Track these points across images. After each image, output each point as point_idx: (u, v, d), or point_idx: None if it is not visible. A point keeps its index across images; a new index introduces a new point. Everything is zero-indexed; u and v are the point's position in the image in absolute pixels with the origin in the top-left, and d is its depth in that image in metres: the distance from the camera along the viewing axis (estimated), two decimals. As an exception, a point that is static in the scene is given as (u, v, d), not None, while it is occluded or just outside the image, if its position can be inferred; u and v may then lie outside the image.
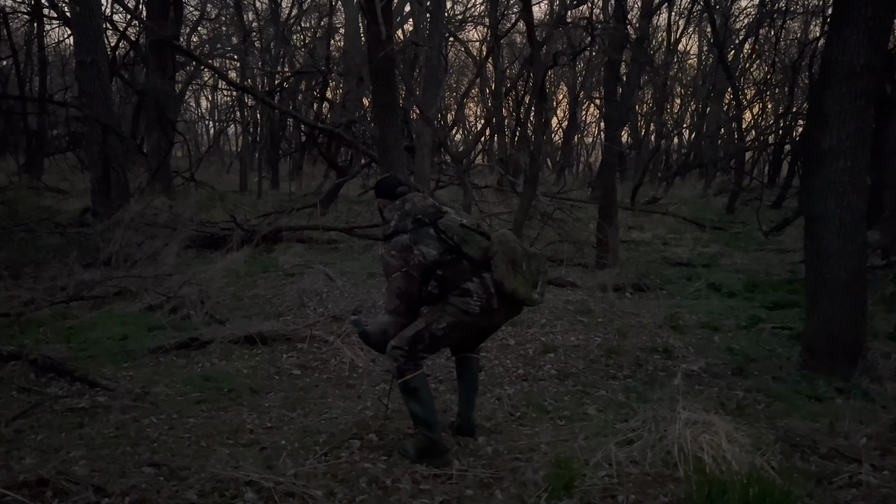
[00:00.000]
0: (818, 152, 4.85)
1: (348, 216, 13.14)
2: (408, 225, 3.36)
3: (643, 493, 3.12)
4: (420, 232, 3.34)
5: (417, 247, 3.30)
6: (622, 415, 4.02)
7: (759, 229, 12.44)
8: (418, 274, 3.31)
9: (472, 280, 3.31)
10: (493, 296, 3.32)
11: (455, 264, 3.31)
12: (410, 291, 3.35)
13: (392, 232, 3.38)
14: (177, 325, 5.70)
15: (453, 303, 3.31)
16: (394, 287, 3.35)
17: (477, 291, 3.30)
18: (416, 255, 3.29)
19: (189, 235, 8.67)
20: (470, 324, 3.37)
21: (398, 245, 3.33)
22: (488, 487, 3.16)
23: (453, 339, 3.43)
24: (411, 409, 3.37)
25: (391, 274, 3.35)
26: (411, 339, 3.33)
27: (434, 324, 3.33)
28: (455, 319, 3.32)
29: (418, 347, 3.34)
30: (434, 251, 3.30)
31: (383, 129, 7.21)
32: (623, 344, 5.33)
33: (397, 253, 3.32)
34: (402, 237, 3.33)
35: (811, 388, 4.61)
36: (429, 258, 3.29)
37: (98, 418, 3.85)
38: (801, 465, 3.44)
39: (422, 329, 3.33)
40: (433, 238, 3.33)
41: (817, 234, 4.93)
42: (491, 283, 3.32)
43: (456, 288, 3.30)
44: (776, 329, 5.95)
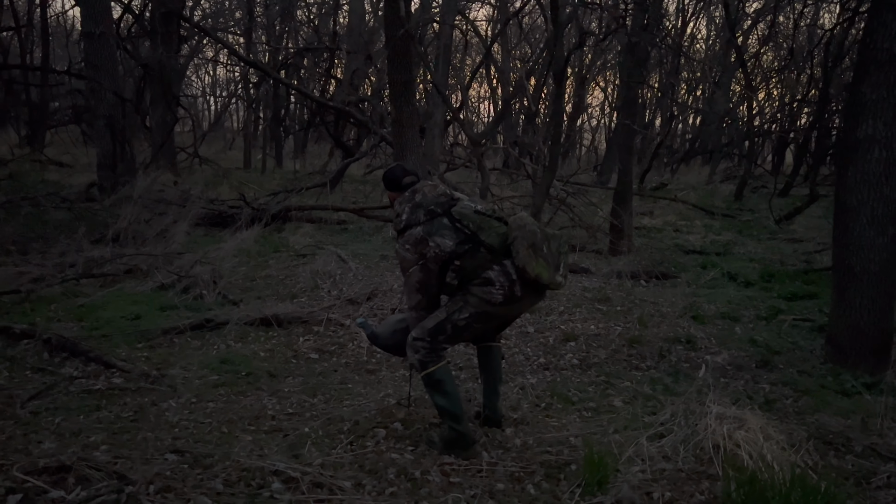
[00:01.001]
0: (853, 141, 4.73)
1: (354, 196, 13.01)
2: (420, 217, 3.23)
3: (678, 490, 3.05)
4: (434, 223, 3.21)
5: (432, 238, 3.18)
6: (649, 407, 3.94)
7: (771, 218, 12.33)
8: (435, 266, 3.20)
9: (492, 268, 3.18)
10: (516, 283, 3.19)
11: (473, 254, 3.18)
12: (429, 284, 3.23)
13: (404, 226, 3.24)
14: (189, 305, 5.60)
15: (475, 293, 3.19)
16: (412, 282, 3.24)
17: (499, 280, 3.17)
18: (432, 247, 3.17)
19: (197, 213, 8.54)
20: (493, 314, 3.26)
21: (412, 238, 3.20)
22: (520, 481, 3.08)
23: (476, 329, 3.31)
24: (436, 402, 3.27)
25: (408, 269, 3.22)
26: (433, 331, 3.22)
27: (456, 314, 3.21)
28: (477, 310, 3.20)
29: (440, 339, 3.23)
30: (450, 242, 3.17)
31: (399, 108, 7.05)
32: (644, 333, 5.24)
33: (412, 247, 3.19)
34: (416, 230, 3.20)
35: (837, 382, 4.53)
36: (445, 249, 3.17)
37: (115, 401, 3.76)
38: (837, 464, 3.37)
39: (443, 320, 3.22)
40: (448, 228, 3.20)
41: (848, 224, 4.82)
42: (513, 269, 3.19)
43: (476, 277, 3.18)
44: (797, 321, 5.86)
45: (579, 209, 9.35)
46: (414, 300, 3.28)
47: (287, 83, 12.80)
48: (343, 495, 2.85)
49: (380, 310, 5.47)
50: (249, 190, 12.02)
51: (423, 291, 3.24)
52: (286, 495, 2.83)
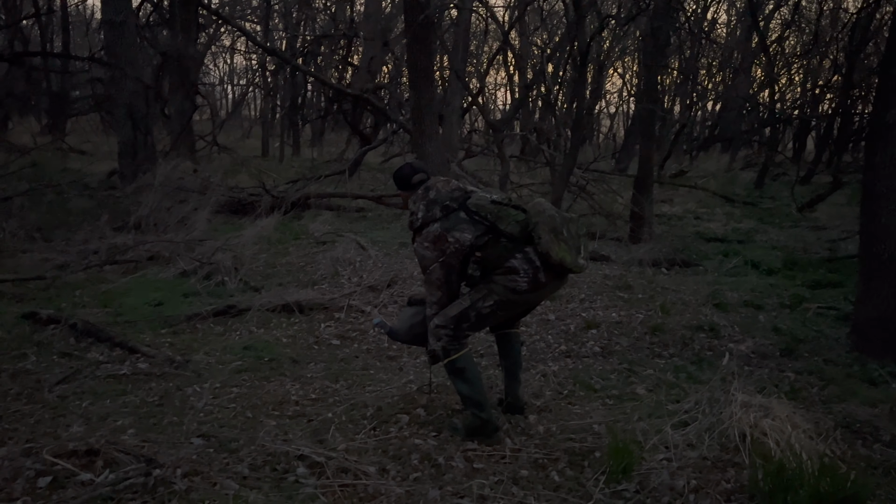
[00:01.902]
0: (882, 126, 4.65)
1: (372, 184, 13.02)
2: (436, 213, 3.20)
3: (704, 478, 3.02)
4: (451, 218, 3.19)
5: (451, 234, 3.15)
6: (673, 395, 3.91)
7: (794, 205, 12.19)
8: (456, 261, 3.18)
9: (514, 257, 3.15)
10: (540, 269, 3.16)
11: (493, 244, 3.16)
12: (451, 281, 3.22)
13: (421, 223, 3.22)
14: (211, 291, 5.64)
15: (499, 282, 3.17)
16: (434, 279, 3.21)
17: (522, 267, 3.15)
18: (451, 242, 3.14)
19: (217, 201, 8.58)
20: (518, 301, 3.24)
21: (430, 236, 3.17)
22: (543, 468, 3.07)
23: (500, 316, 3.30)
24: (459, 390, 3.27)
25: (428, 266, 3.20)
26: (456, 318, 3.21)
27: (480, 302, 3.19)
28: (502, 298, 3.19)
29: (463, 326, 3.22)
30: (469, 235, 3.15)
31: (419, 95, 7.03)
32: (667, 321, 5.21)
33: (431, 244, 3.17)
34: (433, 227, 3.18)
35: (864, 371, 4.47)
36: (465, 243, 3.14)
37: (140, 385, 3.80)
38: (865, 454, 3.32)
39: (467, 307, 3.20)
40: (465, 221, 3.18)
41: (875, 212, 4.74)
42: (535, 256, 3.16)
43: (499, 267, 3.16)
44: (821, 309, 5.80)
45: (599, 196, 9.29)
46: (435, 297, 3.25)
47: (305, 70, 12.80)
48: (368, 480, 2.86)
49: (399, 296, 5.48)
50: (268, 178, 12.06)
51: (444, 288, 3.23)
52: (311, 480, 2.85)
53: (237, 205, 9.14)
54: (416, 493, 2.79)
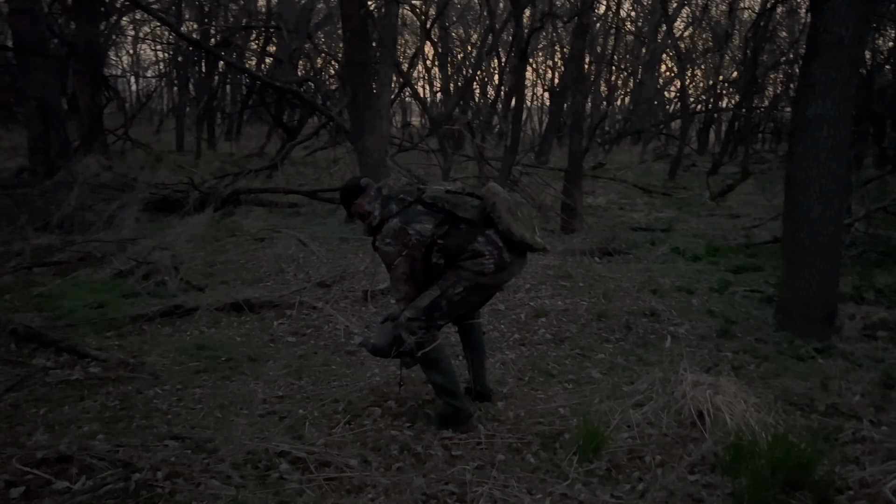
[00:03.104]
0: (803, 120, 4.99)
1: (298, 179, 12.84)
2: (393, 208, 3.27)
3: (667, 453, 3.22)
4: (408, 211, 3.25)
5: (411, 226, 3.21)
6: (626, 377, 4.11)
7: (705, 195, 12.87)
8: (419, 253, 3.24)
9: (477, 240, 3.22)
10: (503, 249, 3.24)
11: (454, 231, 3.23)
12: (416, 273, 3.27)
13: (379, 221, 3.28)
14: (152, 291, 5.47)
15: (466, 267, 3.23)
16: (398, 273, 3.26)
17: (487, 249, 3.22)
18: (413, 234, 3.21)
19: (144, 198, 8.28)
20: (487, 284, 3.31)
21: (391, 231, 3.23)
22: (519, 452, 3.19)
23: (470, 302, 3.37)
24: (433, 380, 3.33)
25: (392, 262, 3.25)
26: (428, 309, 3.26)
27: (450, 290, 3.25)
28: (471, 282, 3.25)
29: (435, 316, 3.27)
30: (429, 226, 3.22)
31: (356, 89, 7.01)
32: (610, 308, 5.43)
33: (392, 239, 3.22)
34: (392, 222, 3.24)
35: (792, 348, 4.81)
36: (426, 234, 3.21)
37: (96, 390, 3.68)
38: (805, 423, 3.60)
39: (437, 297, 3.25)
40: (423, 213, 3.25)
41: (798, 200, 5.09)
42: (497, 236, 3.24)
43: (464, 252, 3.22)
44: (747, 292, 6.17)
45: (531, 189, 9.52)
46: (402, 291, 3.29)
47: (232, 62, 12.46)
48: (352, 472, 2.89)
49: (350, 292, 5.48)
50: (189, 173, 11.71)
51: (409, 282, 3.27)
52: (295, 475, 2.86)
53: (163, 202, 8.84)
54: (401, 483, 2.84)
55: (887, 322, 5.34)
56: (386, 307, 5.36)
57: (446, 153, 8.24)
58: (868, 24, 5.10)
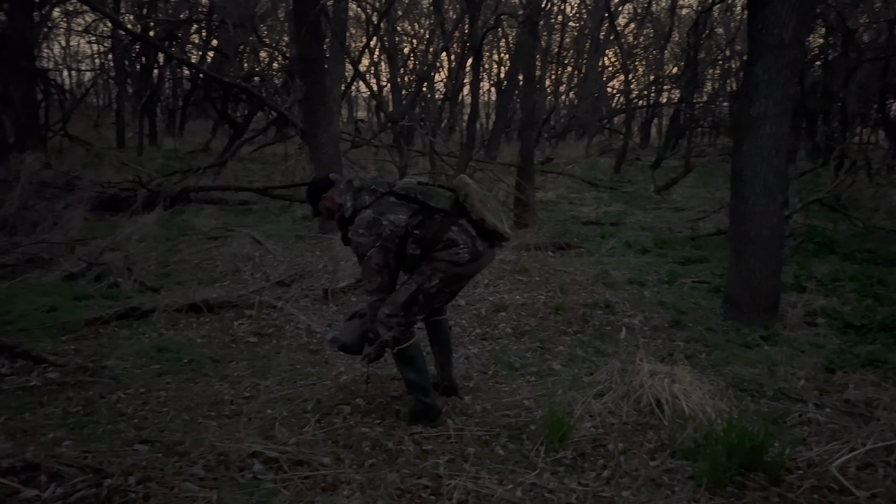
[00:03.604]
0: (747, 118, 5.20)
1: (247, 175, 12.67)
2: (365, 199, 3.30)
3: (629, 440, 3.34)
4: (381, 202, 3.29)
5: (385, 217, 3.24)
6: (586, 368, 4.24)
7: (650, 188, 13.22)
8: (393, 244, 3.27)
9: (451, 230, 3.27)
10: (476, 238, 3.29)
11: (428, 221, 3.27)
12: (389, 264, 3.30)
13: (352, 212, 3.30)
14: (105, 293, 5.36)
15: (441, 258, 3.27)
16: (371, 265, 3.28)
17: (461, 238, 3.26)
18: (386, 225, 3.24)
19: (91, 197, 8.05)
20: (461, 274, 3.35)
21: (364, 222, 3.25)
22: (488, 444, 3.27)
23: (445, 294, 3.41)
24: (407, 377, 3.38)
25: (365, 252, 3.26)
26: (406, 303, 3.30)
27: (426, 283, 3.29)
28: (446, 273, 3.29)
29: (413, 310, 3.32)
30: (403, 216, 3.26)
31: (310, 85, 6.97)
32: (567, 301, 5.57)
33: (366, 230, 3.25)
34: (365, 213, 3.27)
35: (739, 336, 5.03)
36: (399, 224, 3.24)
37: (56, 396, 3.60)
38: (755, 408, 3.79)
39: (414, 291, 3.30)
40: (396, 204, 3.29)
41: (744, 194, 5.31)
42: (469, 226, 3.29)
43: (438, 242, 3.26)
44: (695, 283, 6.41)
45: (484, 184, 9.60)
46: (375, 283, 3.31)
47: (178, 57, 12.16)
48: (326, 470, 2.93)
49: (310, 290, 5.47)
50: (133, 171, 11.43)
51: (383, 273, 3.30)
52: (269, 475, 2.88)
53: (110, 201, 8.62)
54: (375, 479, 2.89)
55: (826, 309, 5.63)
56: (347, 305, 5.38)
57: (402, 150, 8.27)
58: (807, 26, 5.34)
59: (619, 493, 2.90)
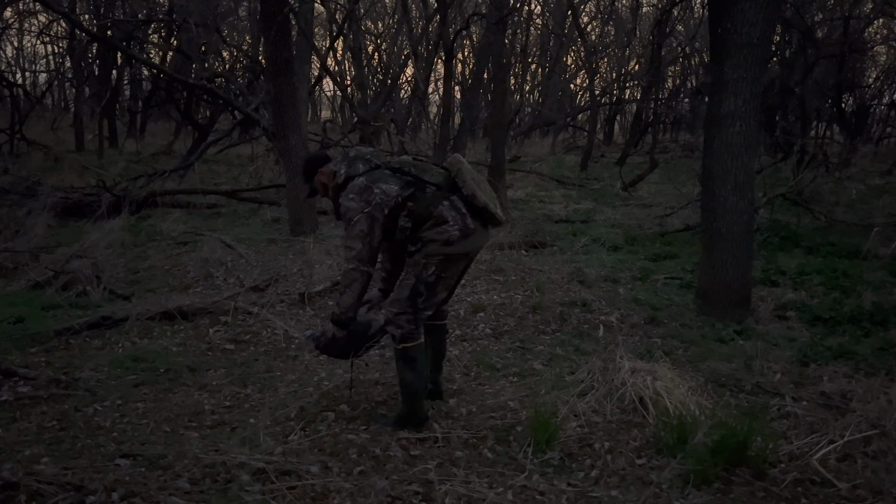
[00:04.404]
0: (717, 116, 5.28)
1: (212, 177, 12.48)
2: (359, 168, 3.31)
3: (614, 439, 3.37)
4: (375, 173, 3.30)
5: (377, 185, 3.24)
6: (567, 367, 4.26)
7: (617, 185, 13.38)
8: (381, 214, 3.23)
9: (442, 204, 3.24)
10: (466, 215, 3.26)
11: (420, 195, 3.26)
12: (374, 234, 3.24)
13: (345, 178, 3.30)
14: (74, 302, 5.22)
15: (432, 238, 3.22)
16: (356, 230, 3.22)
17: (450, 215, 3.23)
18: (377, 193, 3.23)
19: (54, 202, 7.84)
20: (455, 255, 3.28)
21: (355, 188, 3.25)
22: (475, 447, 3.26)
23: (445, 280, 3.33)
24: (404, 377, 3.34)
25: (352, 217, 3.22)
26: (410, 298, 3.26)
27: (423, 272, 3.25)
28: (440, 257, 3.24)
29: (419, 303, 3.27)
30: (395, 186, 3.25)
31: (279, 87, 6.87)
32: (544, 300, 5.59)
33: (356, 195, 3.23)
34: (358, 180, 3.27)
35: (713, 331, 5.10)
36: (391, 195, 3.23)
37: (29, 411, 3.49)
38: (735, 402, 3.85)
39: (414, 283, 3.26)
40: (390, 176, 3.29)
41: (715, 191, 5.39)
42: (461, 203, 3.27)
43: (429, 218, 3.22)
44: (667, 280, 6.49)
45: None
46: (355, 249, 3.23)
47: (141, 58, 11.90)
48: (314, 479, 2.89)
49: (286, 295, 5.40)
50: (96, 175, 11.17)
51: (366, 240, 3.23)
52: (257, 486, 2.83)
53: (72, 206, 8.41)
54: (364, 486, 2.86)
55: (795, 303, 5.76)
56: (324, 309, 5.33)
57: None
58: (774, 24, 5.44)
59: (609, 492, 2.92)
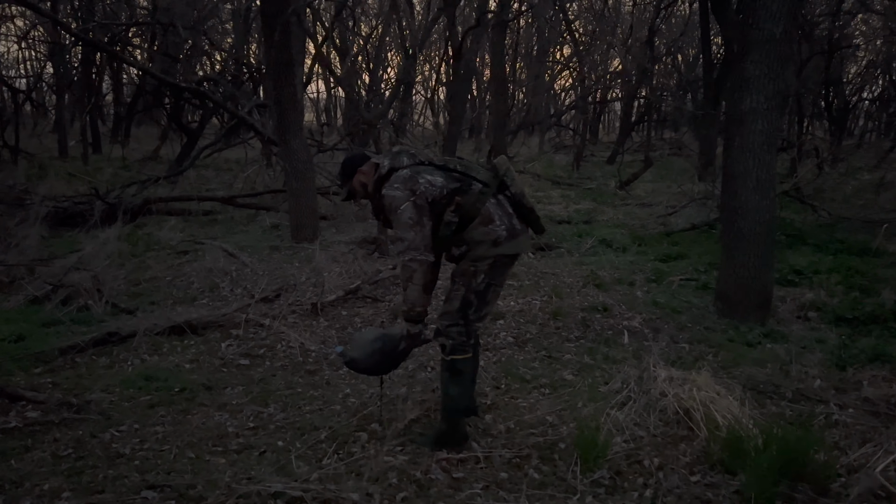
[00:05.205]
0: (738, 114, 5.16)
1: (202, 183, 12.22)
2: (404, 161, 3.21)
3: (663, 455, 3.22)
4: (419, 167, 3.20)
5: (421, 176, 3.14)
6: (599, 377, 4.11)
7: (612, 184, 13.29)
8: (426, 204, 3.10)
9: (490, 202, 3.15)
10: (513, 216, 3.19)
11: (467, 189, 3.14)
12: (423, 222, 3.09)
13: (388, 170, 3.17)
14: (76, 318, 4.99)
15: (479, 240, 3.11)
16: (404, 219, 3.07)
17: (497, 214, 3.14)
18: (423, 182, 3.12)
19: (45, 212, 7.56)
20: (502, 258, 3.17)
21: (399, 178, 3.13)
22: (520, 468, 3.10)
23: (494, 288, 3.21)
24: (449, 392, 3.19)
25: (399, 206, 3.08)
26: (461, 309, 3.13)
27: (472, 282, 3.13)
28: (489, 260, 3.13)
29: (469, 313, 3.15)
30: (440, 179, 3.14)
31: (280, 89, 6.66)
32: (563, 305, 5.44)
33: (401, 184, 3.11)
34: (403, 171, 3.16)
35: (739, 335, 4.98)
36: (436, 185, 3.12)
37: (42, 438, 3.28)
38: (778, 411, 3.72)
39: (465, 293, 3.14)
40: (435, 170, 3.19)
41: (736, 191, 5.27)
42: (507, 202, 3.20)
43: (476, 214, 3.11)
44: (683, 281, 6.36)
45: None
46: (407, 239, 3.07)
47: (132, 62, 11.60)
48: (357, 508, 2.71)
49: (297, 305, 5.20)
50: (83, 182, 10.88)
51: (417, 228, 3.07)
52: (297, 517, 2.65)
53: (64, 215, 8.13)
54: (411, 515, 2.69)
55: (815, 303, 5.65)
56: (338, 319, 5.14)
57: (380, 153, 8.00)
58: (796, 19, 5.33)
59: (668, 513, 2.77)
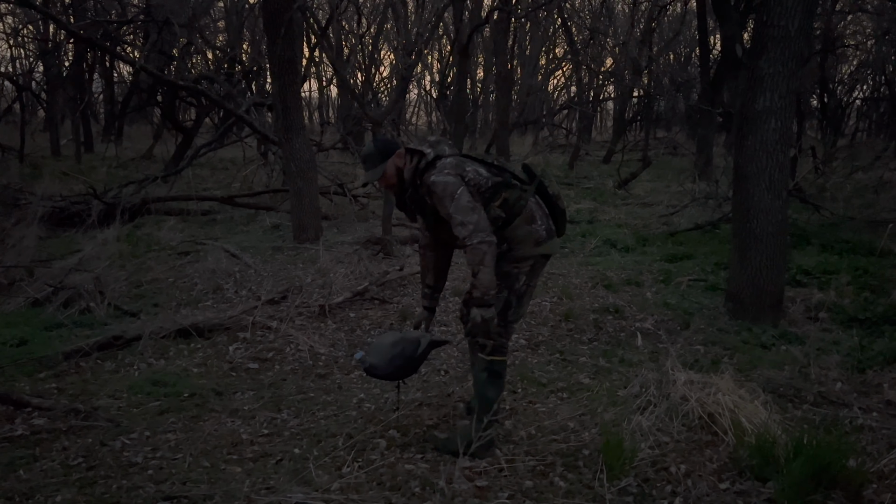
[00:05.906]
0: (752, 113, 5.09)
1: (198, 182, 12.09)
2: (445, 150, 3.12)
3: (689, 461, 3.15)
4: (460, 158, 3.14)
5: (467, 165, 3.08)
6: (616, 381, 4.04)
7: (614, 184, 13.23)
8: (476, 191, 3.02)
9: (530, 199, 3.12)
10: (549, 216, 3.18)
11: (509, 185, 3.09)
12: (478, 207, 2.98)
13: (434, 157, 3.07)
14: (77, 321, 4.88)
15: (522, 239, 3.06)
16: (463, 203, 2.93)
17: (537, 213, 3.12)
18: (469, 170, 3.05)
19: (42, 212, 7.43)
20: (541, 257, 3.16)
21: (447, 165, 3.03)
22: (545, 476, 3.02)
23: (530, 290, 3.20)
24: (485, 395, 3.12)
25: (454, 192, 2.94)
26: (502, 312, 3.08)
27: (514, 283, 3.10)
28: (530, 262, 3.10)
29: (509, 316, 3.12)
30: (484, 171, 3.09)
31: (283, 87, 6.56)
32: (574, 307, 5.37)
33: (451, 169, 3.01)
34: (447, 159, 3.07)
35: (753, 336, 4.92)
36: (482, 175, 3.06)
37: (49, 447, 3.17)
38: (801, 415, 3.65)
39: (508, 296, 3.10)
40: (477, 163, 3.13)
41: (749, 191, 5.20)
42: (543, 203, 3.18)
43: (521, 212, 3.06)
44: (692, 281, 6.30)
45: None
46: (471, 222, 2.92)
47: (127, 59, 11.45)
48: (381, 519, 2.62)
49: (304, 307, 5.10)
50: (78, 181, 10.74)
51: (476, 209, 2.96)
52: (320, 530, 2.56)
53: (61, 216, 8.00)
54: (437, 525, 2.60)
55: (826, 303, 5.59)
56: (347, 321, 5.05)
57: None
58: (812, 16, 5.27)
59: (700, 522, 2.70)
